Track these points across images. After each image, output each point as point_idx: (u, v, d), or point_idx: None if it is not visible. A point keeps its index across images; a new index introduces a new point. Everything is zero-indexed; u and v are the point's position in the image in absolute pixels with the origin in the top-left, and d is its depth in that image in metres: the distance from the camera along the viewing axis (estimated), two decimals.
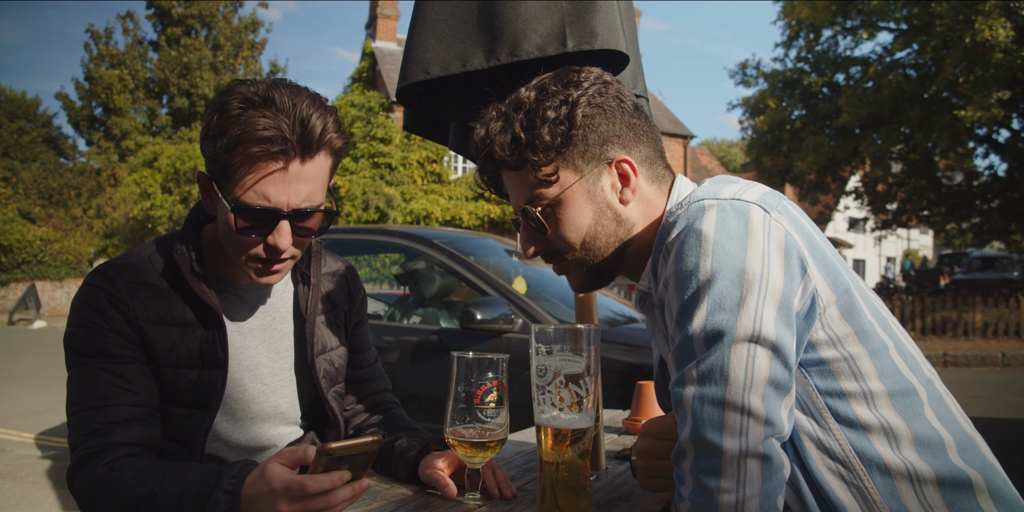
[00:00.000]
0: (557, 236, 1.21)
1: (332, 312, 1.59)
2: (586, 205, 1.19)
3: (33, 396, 8.10)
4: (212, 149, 1.24)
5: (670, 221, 1.09)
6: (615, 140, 1.19)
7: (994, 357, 11.04)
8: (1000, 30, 13.98)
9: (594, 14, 1.48)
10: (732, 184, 1.11)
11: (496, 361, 1.29)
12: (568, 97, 1.17)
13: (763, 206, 1.05)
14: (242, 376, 1.42)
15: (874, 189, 20.75)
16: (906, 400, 1.06)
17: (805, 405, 1.06)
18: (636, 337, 3.69)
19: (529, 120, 1.17)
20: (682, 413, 0.99)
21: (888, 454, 1.03)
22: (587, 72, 1.21)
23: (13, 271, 25.06)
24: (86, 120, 31.69)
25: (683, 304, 1.01)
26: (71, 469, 1.27)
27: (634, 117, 1.21)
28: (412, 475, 1.44)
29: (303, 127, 1.23)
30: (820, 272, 1.05)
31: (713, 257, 1.00)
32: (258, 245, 1.29)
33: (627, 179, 1.19)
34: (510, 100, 1.22)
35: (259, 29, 32.40)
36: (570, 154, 1.17)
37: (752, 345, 0.96)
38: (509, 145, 1.18)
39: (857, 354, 1.05)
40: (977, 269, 23.69)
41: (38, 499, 4.28)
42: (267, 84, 1.26)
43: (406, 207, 20.33)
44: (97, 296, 1.31)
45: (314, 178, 1.28)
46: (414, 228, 4.95)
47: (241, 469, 1.16)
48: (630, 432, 2.03)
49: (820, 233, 1.11)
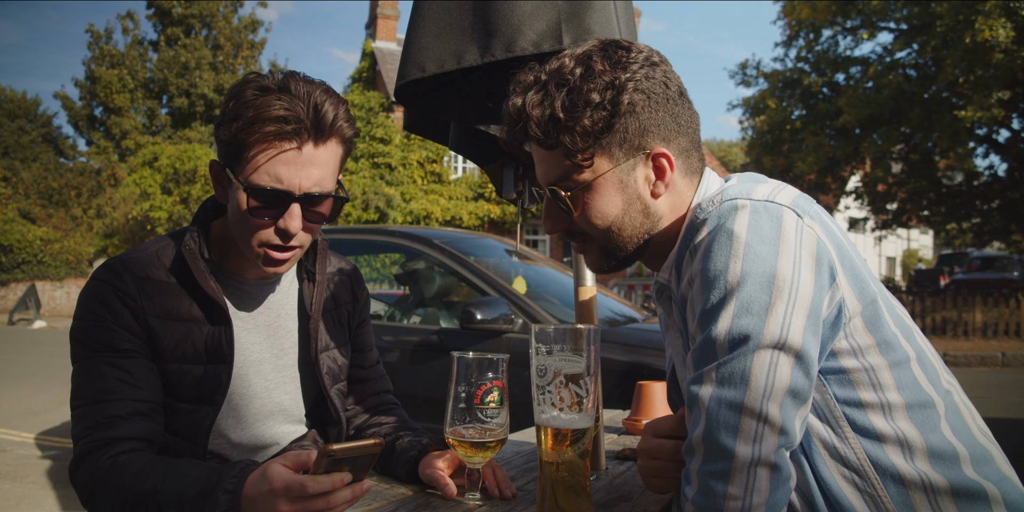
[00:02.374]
0: (583, 220, 1.17)
1: (336, 311, 1.59)
2: (616, 194, 1.15)
3: (33, 396, 8.10)
4: (227, 132, 1.26)
5: (700, 218, 1.06)
6: (656, 130, 1.13)
7: (994, 357, 11.03)
8: (1000, 30, 13.98)
9: (590, 12, 1.49)
10: (764, 184, 1.10)
11: (496, 361, 1.29)
12: (615, 80, 1.10)
13: (796, 210, 1.03)
14: (246, 372, 1.42)
15: (874, 189, 20.75)
16: (923, 413, 1.05)
17: (822, 412, 1.05)
18: (636, 337, 3.69)
19: (571, 101, 1.10)
20: (696, 413, 0.98)
21: (902, 464, 1.02)
22: (636, 51, 1.14)
23: (13, 271, 25.05)
24: (86, 120, 31.68)
25: (709, 305, 1.00)
26: (73, 462, 1.28)
27: (677, 104, 1.15)
28: (412, 475, 1.44)
29: (316, 112, 1.26)
30: (848, 281, 1.03)
31: (744, 259, 0.98)
32: (269, 228, 1.30)
33: (662, 173, 1.15)
34: (552, 69, 1.14)
35: (259, 29, 32.40)
36: (608, 141, 1.12)
37: (776, 352, 0.95)
38: (546, 123, 1.12)
39: (878, 365, 1.05)
40: (977, 269, 23.66)
41: (38, 499, 4.28)
42: (282, 74, 1.29)
43: (406, 207, 20.33)
44: (104, 290, 1.32)
45: (326, 163, 1.30)
46: (414, 228, 4.95)
47: (243, 469, 1.16)
48: (630, 432, 2.03)
49: (849, 240, 1.10)
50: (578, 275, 1.72)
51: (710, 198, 1.09)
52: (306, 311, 1.52)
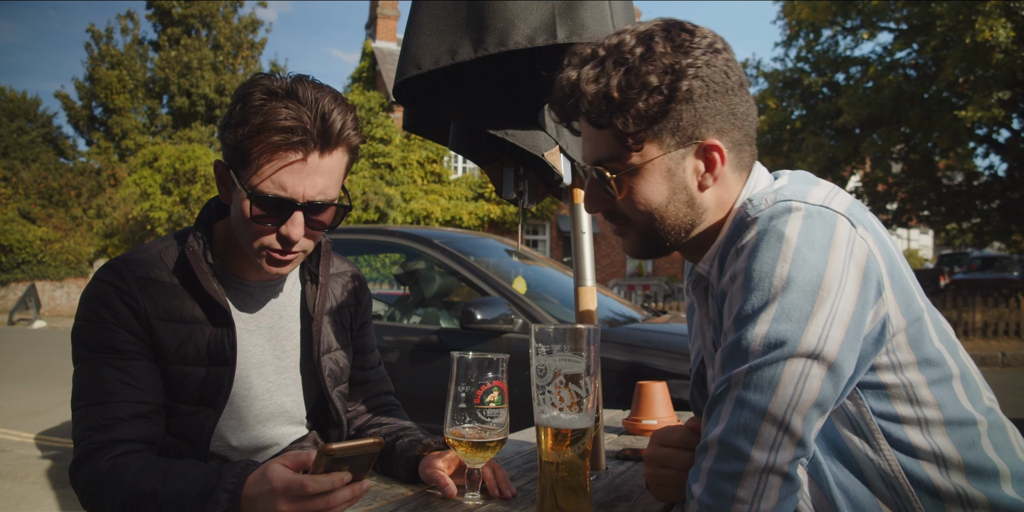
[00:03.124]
0: (625, 203, 1.13)
1: (338, 312, 1.59)
2: (662, 183, 1.11)
3: (33, 396, 8.10)
4: (233, 137, 1.25)
5: (750, 216, 1.03)
6: (711, 121, 1.08)
7: (994, 357, 11.03)
8: (1000, 30, 13.98)
9: (584, 9, 1.49)
10: (818, 187, 1.07)
11: (496, 361, 1.29)
12: (675, 65, 1.05)
13: (851, 219, 1.00)
14: (248, 373, 1.42)
15: (874, 189, 20.75)
16: (962, 430, 1.04)
17: (857, 425, 1.04)
18: (636, 337, 3.69)
19: (628, 81, 1.06)
20: (717, 411, 0.96)
21: (938, 477, 1.02)
22: (700, 36, 1.09)
23: (13, 271, 25.05)
24: (86, 120, 31.69)
25: (748, 305, 0.97)
26: (74, 463, 1.28)
27: (736, 95, 1.10)
28: (413, 475, 1.44)
29: (323, 121, 1.25)
30: (895, 297, 1.01)
31: (792, 264, 0.95)
32: (271, 234, 1.30)
33: (712, 165, 1.10)
34: (611, 45, 1.09)
35: (259, 29, 32.42)
36: (661, 127, 1.07)
37: (810, 362, 0.93)
38: (600, 101, 1.07)
39: (916, 382, 1.03)
40: (977, 269, 23.66)
41: (38, 499, 4.28)
42: (291, 78, 1.29)
43: (406, 207, 20.34)
44: (106, 291, 1.32)
45: (331, 172, 1.29)
46: (414, 228, 4.95)
47: (243, 469, 1.16)
48: (630, 432, 2.03)
49: (899, 250, 1.07)
50: (578, 275, 1.72)
51: (761, 196, 1.06)
52: (309, 313, 1.52)
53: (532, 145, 1.65)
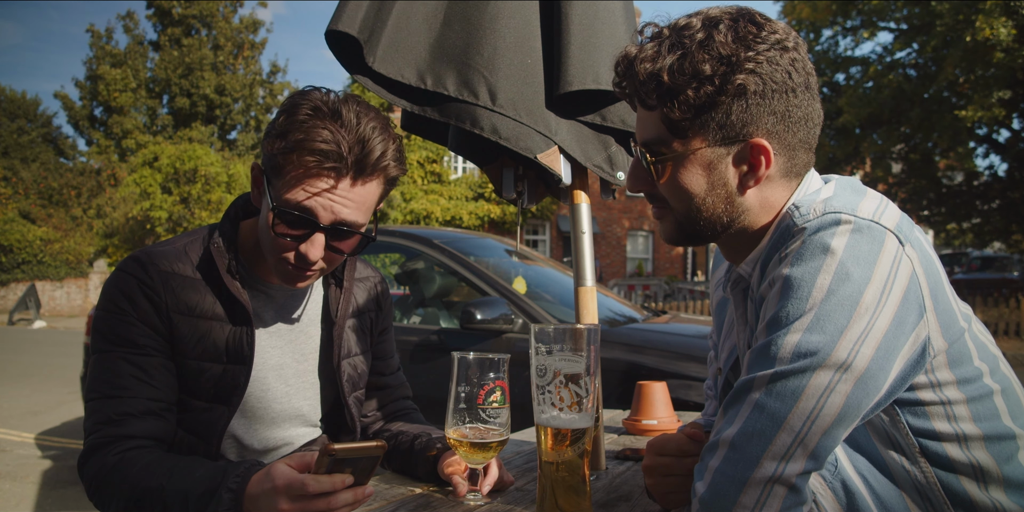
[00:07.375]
0: (665, 188, 1.11)
1: (360, 318, 1.59)
2: (701, 175, 1.07)
3: (33, 396, 8.10)
4: (270, 148, 1.25)
5: (797, 225, 1.01)
6: (761, 121, 1.04)
7: None
8: (1001, 29, 13.98)
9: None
10: (868, 199, 1.04)
11: (497, 361, 1.29)
12: (732, 56, 1.01)
13: (899, 236, 0.98)
14: (266, 375, 1.42)
15: (874, 189, 20.67)
16: (1001, 444, 1.02)
17: (894, 440, 1.03)
18: (636, 337, 3.69)
19: (680, 66, 1.02)
20: (733, 412, 0.95)
21: (975, 491, 1.01)
22: (769, 31, 1.04)
23: (13, 271, 25.03)
24: (86, 120, 31.67)
25: (784, 312, 0.95)
26: (82, 456, 1.29)
27: (797, 97, 1.05)
28: (431, 473, 1.45)
29: (362, 148, 1.24)
30: (937, 318, 0.99)
31: (834, 277, 0.93)
32: (290, 251, 1.30)
33: (756, 167, 1.06)
34: (678, 25, 1.06)
35: (259, 29, 32.40)
36: (707, 119, 1.04)
37: (837, 376, 0.91)
38: (649, 82, 1.04)
39: (955, 400, 1.02)
40: (977, 269, 23.66)
41: (38, 499, 4.28)
42: (340, 97, 1.28)
43: (406, 207, 20.34)
44: (129, 283, 1.32)
45: (361, 202, 1.28)
46: (414, 228, 4.94)
47: (247, 468, 1.16)
48: (630, 432, 2.03)
49: (941, 267, 1.05)
50: (578, 275, 1.72)
51: (808, 204, 1.03)
52: (331, 317, 1.51)
53: (525, 147, 1.63)
